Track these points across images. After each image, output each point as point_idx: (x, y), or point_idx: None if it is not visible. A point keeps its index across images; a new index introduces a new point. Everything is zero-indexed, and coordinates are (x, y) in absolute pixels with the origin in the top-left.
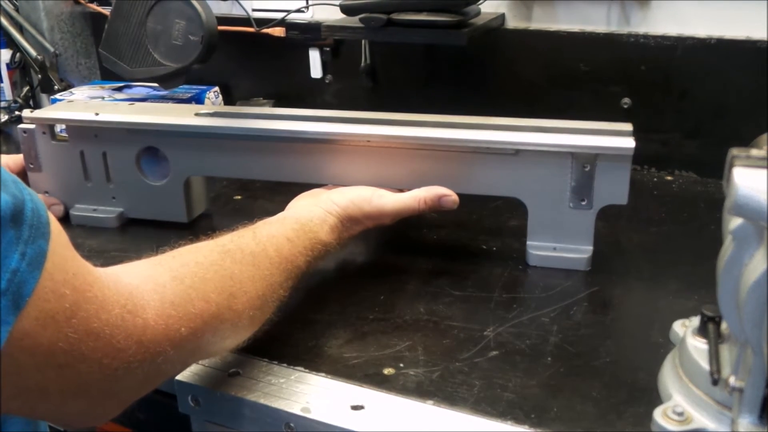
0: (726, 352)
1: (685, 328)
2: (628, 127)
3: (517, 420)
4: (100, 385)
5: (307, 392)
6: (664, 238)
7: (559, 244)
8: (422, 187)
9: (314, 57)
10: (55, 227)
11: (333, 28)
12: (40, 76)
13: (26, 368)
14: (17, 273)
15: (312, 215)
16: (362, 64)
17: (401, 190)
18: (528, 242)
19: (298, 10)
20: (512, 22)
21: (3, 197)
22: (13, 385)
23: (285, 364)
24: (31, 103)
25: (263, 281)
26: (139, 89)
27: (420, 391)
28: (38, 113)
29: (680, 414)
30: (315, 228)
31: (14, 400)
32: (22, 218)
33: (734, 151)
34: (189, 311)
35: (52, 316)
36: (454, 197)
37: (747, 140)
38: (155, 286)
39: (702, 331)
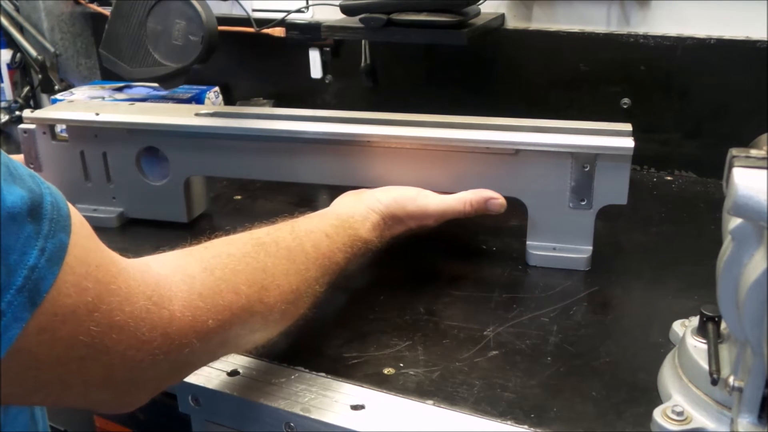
0: (726, 352)
1: (684, 328)
2: (627, 127)
3: (517, 420)
4: (124, 376)
5: (307, 392)
6: (664, 238)
7: (559, 244)
8: (469, 190)
9: (314, 57)
10: (77, 218)
11: (333, 28)
12: (40, 76)
13: (46, 362)
14: (35, 269)
15: (353, 212)
16: (362, 64)
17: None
18: (528, 242)
19: (298, 10)
20: (512, 22)
21: (20, 193)
22: (33, 379)
23: (285, 364)
24: (31, 103)
25: (298, 275)
26: (139, 89)
27: (420, 391)
28: (38, 113)
29: (680, 414)
30: (356, 225)
31: (37, 393)
32: (41, 213)
33: (734, 151)
34: (218, 303)
35: (72, 311)
36: (502, 201)
37: (747, 140)
38: (184, 277)
39: (701, 330)
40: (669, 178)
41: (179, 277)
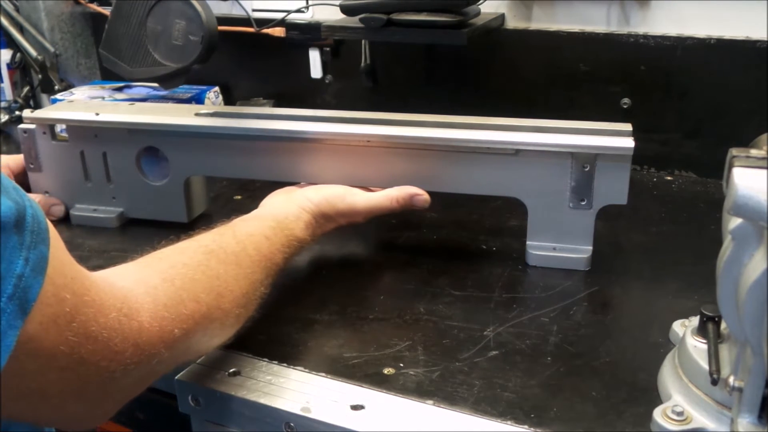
0: (726, 352)
1: (684, 328)
2: (627, 127)
3: (517, 420)
4: (97, 387)
5: (307, 392)
6: (664, 238)
7: (559, 244)
8: (395, 186)
9: (314, 57)
10: (53, 233)
11: (333, 28)
12: (40, 76)
13: (29, 371)
14: (22, 278)
15: (287, 212)
16: (362, 64)
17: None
18: (528, 242)
19: (298, 10)
20: (512, 22)
21: (6, 203)
22: (15, 388)
23: (285, 364)
24: (31, 103)
25: (246, 279)
26: (139, 89)
27: (420, 391)
28: (38, 113)
29: (680, 414)
30: (291, 225)
31: (16, 403)
32: (23, 224)
33: (734, 151)
34: (181, 312)
35: (53, 320)
36: (426, 196)
37: (747, 140)
38: (147, 289)
39: (701, 330)
40: (669, 178)
41: (143, 289)
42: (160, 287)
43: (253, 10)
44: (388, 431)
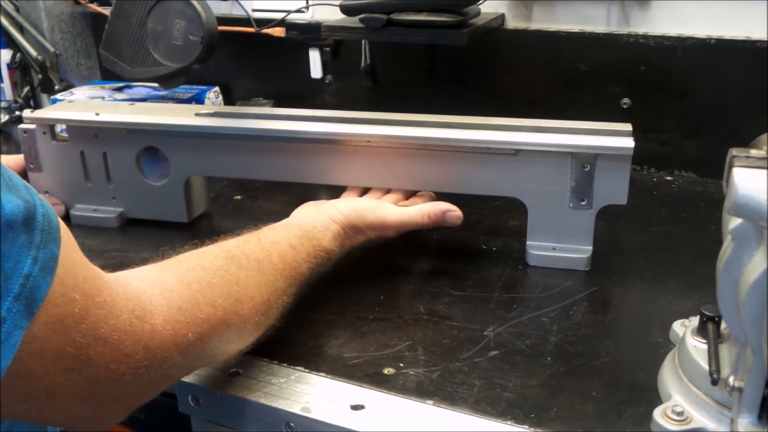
0: (726, 352)
1: (684, 328)
2: (627, 127)
3: (517, 420)
4: (106, 389)
5: (307, 392)
6: (664, 238)
7: (559, 244)
8: (427, 202)
9: (314, 57)
10: (65, 232)
11: (333, 28)
12: (40, 76)
13: (35, 372)
14: (30, 278)
15: (315, 222)
16: (362, 64)
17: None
18: (528, 242)
19: (298, 10)
20: (512, 22)
21: (15, 202)
22: (21, 389)
23: (285, 364)
24: (31, 103)
25: (268, 287)
26: (139, 89)
27: (420, 391)
28: (39, 113)
29: (680, 414)
30: (318, 235)
31: (22, 404)
32: (33, 223)
33: (734, 151)
34: (196, 316)
35: (61, 321)
36: (458, 213)
37: (747, 140)
38: (162, 291)
39: (701, 330)
40: (669, 178)
41: (158, 291)
42: (176, 290)
43: (253, 10)
44: (388, 431)
